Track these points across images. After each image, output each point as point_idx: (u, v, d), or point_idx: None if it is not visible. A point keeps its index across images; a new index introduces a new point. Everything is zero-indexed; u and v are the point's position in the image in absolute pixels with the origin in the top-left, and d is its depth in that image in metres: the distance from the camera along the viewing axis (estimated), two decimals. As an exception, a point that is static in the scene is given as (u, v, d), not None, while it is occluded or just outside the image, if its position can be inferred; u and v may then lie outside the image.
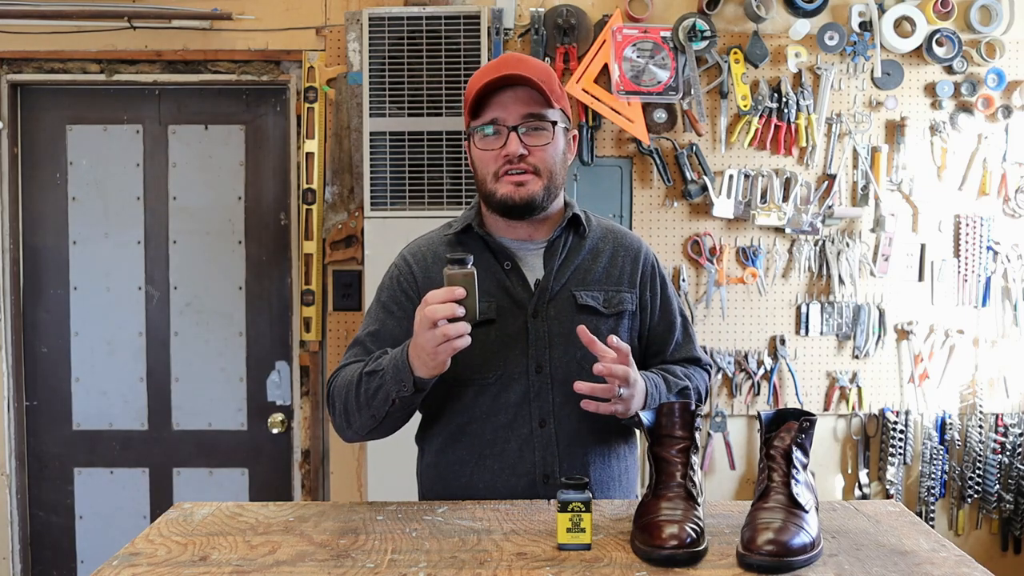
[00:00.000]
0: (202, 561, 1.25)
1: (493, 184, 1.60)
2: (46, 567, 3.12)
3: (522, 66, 1.58)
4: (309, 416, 2.99)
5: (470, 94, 1.60)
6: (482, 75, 1.59)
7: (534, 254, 1.66)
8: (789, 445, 1.28)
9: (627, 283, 1.68)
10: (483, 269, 1.64)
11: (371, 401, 1.53)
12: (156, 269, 3.07)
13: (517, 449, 1.60)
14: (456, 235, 1.68)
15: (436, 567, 1.21)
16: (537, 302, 1.62)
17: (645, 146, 2.88)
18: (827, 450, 3.00)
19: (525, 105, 1.57)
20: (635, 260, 1.70)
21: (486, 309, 1.60)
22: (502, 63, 1.61)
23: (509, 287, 1.63)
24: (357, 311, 2.94)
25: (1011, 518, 2.99)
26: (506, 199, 1.59)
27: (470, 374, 1.61)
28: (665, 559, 1.20)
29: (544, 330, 1.61)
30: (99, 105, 3.05)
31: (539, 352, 1.61)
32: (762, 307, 2.95)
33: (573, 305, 1.63)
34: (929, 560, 1.23)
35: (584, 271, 1.66)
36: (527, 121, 1.57)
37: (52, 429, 3.09)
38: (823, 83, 2.90)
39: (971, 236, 2.95)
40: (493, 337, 1.61)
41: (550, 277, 1.64)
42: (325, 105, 2.92)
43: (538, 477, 1.60)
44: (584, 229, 1.69)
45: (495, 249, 1.65)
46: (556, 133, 1.60)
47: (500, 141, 1.58)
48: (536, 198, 1.59)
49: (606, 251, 1.69)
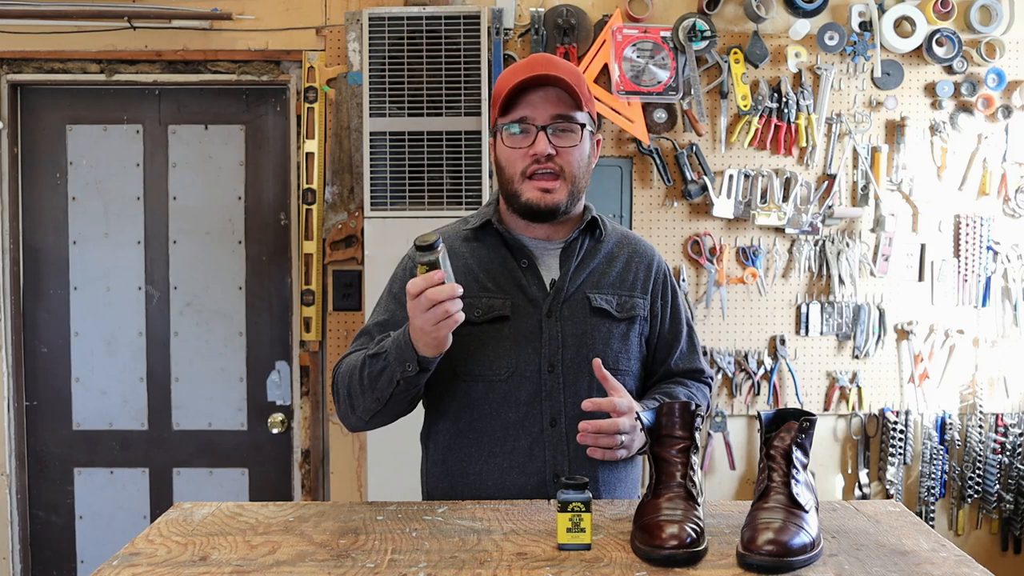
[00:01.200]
0: (202, 561, 1.25)
1: (519, 185, 1.59)
2: (46, 567, 3.12)
3: (553, 67, 1.58)
4: (309, 416, 2.99)
5: (501, 91, 1.59)
6: (514, 73, 1.59)
7: (551, 254, 1.67)
8: (789, 445, 1.28)
9: (640, 290, 1.69)
10: (500, 265, 1.65)
11: (375, 383, 1.53)
12: (156, 269, 3.07)
13: (527, 447, 1.60)
14: (474, 231, 1.68)
15: (436, 567, 1.21)
16: (552, 302, 1.63)
17: (645, 146, 2.88)
18: (827, 450, 3.00)
19: (555, 106, 1.57)
20: (648, 268, 1.72)
21: (500, 306, 1.62)
22: (534, 63, 1.60)
23: (525, 285, 1.63)
24: (357, 311, 2.94)
25: (1011, 518, 2.99)
26: (531, 204, 1.59)
27: (481, 369, 1.62)
28: (665, 559, 1.20)
29: (557, 330, 1.62)
30: (99, 105, 3.05)
31: (552, 352, 1.61)
32: (762, 307, 2.95)
33: (587, 307, 1.64)
34: (929, 560, 1.23)
35: (599, 275, 1.67)
36: (556, 122, 1.57)
37: (52, 429, 3.09)
38: (823, 83, 2.90)
39: (971, 236, 2.95)
40: (506, 334, 1.61)
41: (566, 278, 1.64)
42: (325, 105, 2.92)
43: (548, 476, 1.60)
44: (601, 233, 1.70)
45: (512, 246, 1.65)
46: (583, 136, 1.60)
47: (528, 140, 1.57)
48: (561, 205, 1.60)
49: (621, 257, 1.70)
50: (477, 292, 1.63)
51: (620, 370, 1.65)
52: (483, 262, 1.66)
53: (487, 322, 1.61)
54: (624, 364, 1.66)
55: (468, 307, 1.61)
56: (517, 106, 1.58)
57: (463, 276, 1.63)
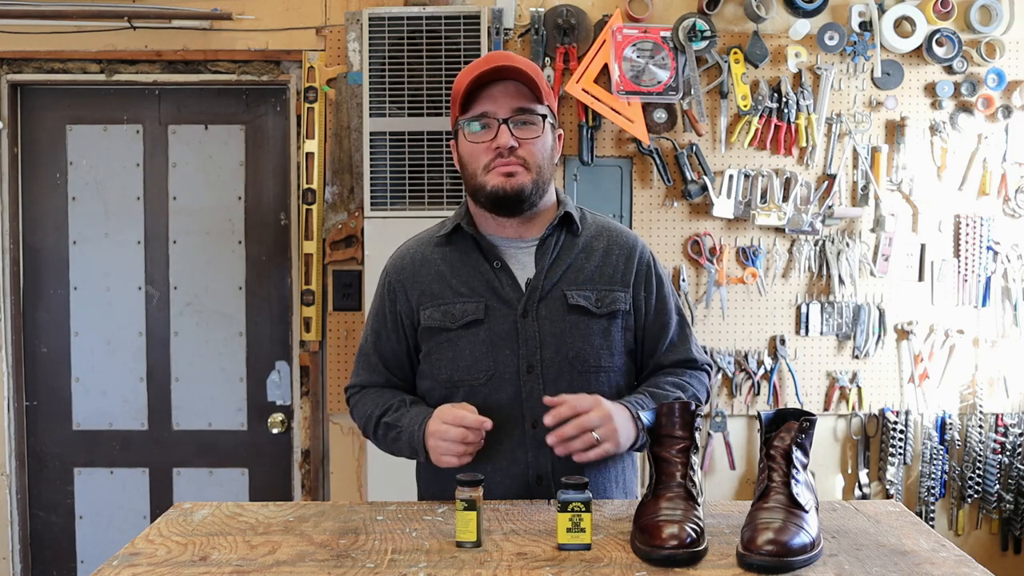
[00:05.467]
0: (202, 561, 1.25)
1: (483, 176, 1.58)
2: (46, 567, 3.12)
3: (511, 59, 1.59)
4: (309, 416, 2.99)
5: (459, 88, 1.59)
6: (471, 70, 1.59)
7: (525, 252, 1.65)
8: (789, 445, 1.28)
9: (620, 282, 1.66)
10: (472, 268, 1.64)
11: (391, 447, 1.67)
12: (156, 269, 3.07)
13: (510, 450, 1.60)
14: (446, 236, 1.67)
15: (436, 567, 1.22)
16: (527, 302, 1.61)
17: (645, 146, 2.88)
18: (827, 450, 3.00)
19: (515, 99, 1.57)
20: (629, 258, 1.68)
21: (474, 310, 1.61)
22: (491, 58, 1.61)
23: (498, 287, 1.62)
24: (357, 311, 2.94)
25: (1011, 518, 2.99)
26: (497, 190, 1.57)
27: (460, 375, 1.61)
28: (665, 559, 1.20)
29: (535, 330, 1.60)
30: (99, 105, 3.05)
31: (530, 352, 1.60)
32: (762, 307, 2.95)
33: (564, 305, 1.62)
34: (929, 560, 1.23)
35: (576, 270, 1.65)
36: (517, 115, 1.57)
37: (52, 429, 3.09)
38: (823, 83, 2.90)
39: (971, 236, 2.95)
40: (482, 337, 1.60)
41: (541, 276, 1.62)
42: (325, 105, 2.92)
43: (531, 478, 1.59)
44: (577, 227, 1.67)
45: (484, 248, 1.65)
46: (545, 128, 1.60)
47: (491, 134, 1.57)
48: (525, 189, 1.58)
49: (599, 249, 1.68)
50: (451, 298, 1.63)
51: (602, 367, 1.63)
52: (455, 267, 1.65)
53: (462, 327, 1.61)
54: (607, 360, 1.63)
55: (443, 314, 1.62)
56: (476, 102, 1.58)
57: (436, 283, 1.65)
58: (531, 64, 1.62)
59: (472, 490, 1.30)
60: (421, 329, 1.66)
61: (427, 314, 1.64)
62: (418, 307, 1.65)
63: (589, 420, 1.48)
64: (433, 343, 1.65)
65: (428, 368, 1.67)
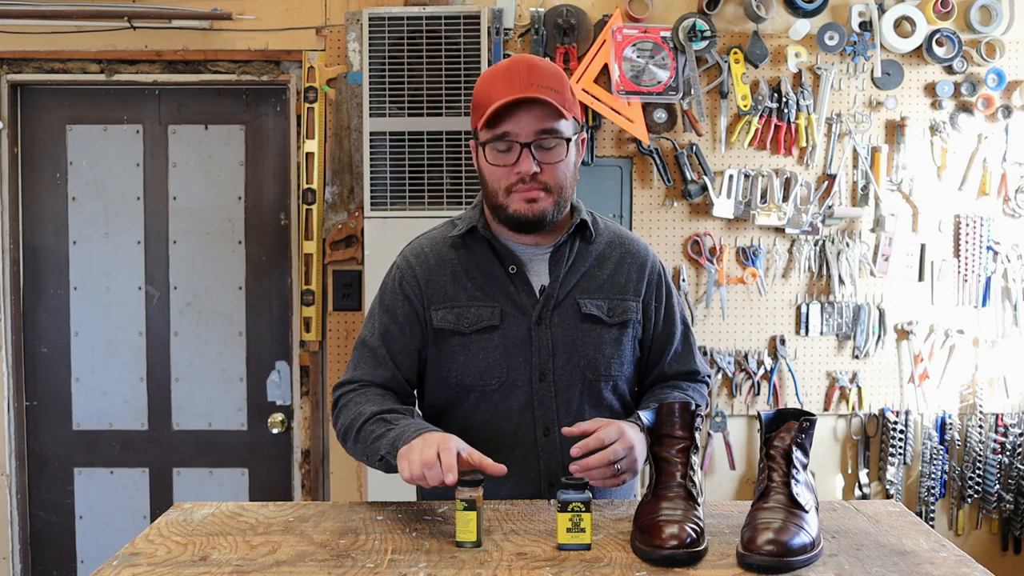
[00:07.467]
0: (202, 561, 1.25)
1: (504, 198, 1.56)
2: (46, 567, 3.12)
3: (536, 81, 1.52)
4: (309, 416, 2.99)
5: (482, 103, 1.54)
6: (493, 84, 1.53)
7: (540, 259, 1.64)
8: (789, 445, 1.28)
9: (632, 292, 1.66)
10: (486, 272, 1.63)
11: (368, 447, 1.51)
12: (156, 269, 3.07)
13: (521, 457, 1.59)
14: (461, 237, 1.65)
15: (436, 567, 1.21)
16: (542, 309, 1.60)
17: (645, 146, 2.88)
18: (827, 450, 3.00)
19: (539, 120, 1.51)
20: (641, 269, 1.68)
21: (489, 315, 1.60)
22: (515, 73, 1.53)
23: (513, 293, 1.61)
24: (357, 311, 2.94)
25: (1011, 518, 2.99)
26: (517, 215, 1.55)
27: (472, 380, 1.60)
28: (665, 559, 1.20)
29: (548, 338, 1.60)
30: (99, 105, 3.05)
31: (543, 360, 1.60)
32: (762, 307, 2.95)
33: (577, 313, 1.61)
34: (929, 560, 1.23)
35: (590, 278, 1.64)
36: (541, 137, 1.52)
37: (52, 429, 3.09)
38: (823, 83, 2.90)
39: (971, 236, 2.95)
40: (496, 343, 1.59)
41: (556, 284, 1.61)
42: (325, 105, 2.92)
43: (543, 485, 1.59)
44: (591, 234, 1.66)
45: (500, 253, 1.63)
46: (569, 149, 1.56)
47: (512, 158, 1.53)
48: (547, 214, 1.56)
49: (613, 258, 1.67)
50: (465, 301, 1.61)
51: (612, 375, 1.63)
52: (471, 270, 1.63)
53: (476, 332, 1.60)
54: (616, 369, 1.64)
55: (456, 317, 1.61)
56: (501, 120, 1.52)
57: (450, 284, 1.62)
58: (556, 77, 1.55)
59: (472, 490, 1.30)
60: (431, 330, 1.64)
61: (439, 315, 1.62)
62: (429, 306, 1.63)
63: (615, 453, 1.44)
64: (444, 346, 1.63)
65: (436, 371, 1.65)
